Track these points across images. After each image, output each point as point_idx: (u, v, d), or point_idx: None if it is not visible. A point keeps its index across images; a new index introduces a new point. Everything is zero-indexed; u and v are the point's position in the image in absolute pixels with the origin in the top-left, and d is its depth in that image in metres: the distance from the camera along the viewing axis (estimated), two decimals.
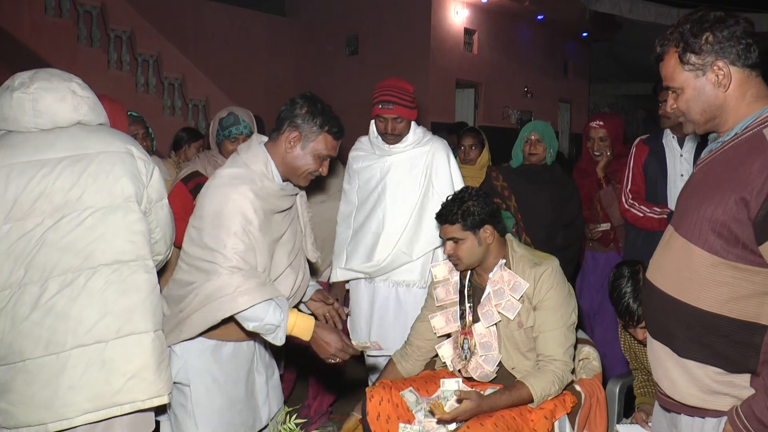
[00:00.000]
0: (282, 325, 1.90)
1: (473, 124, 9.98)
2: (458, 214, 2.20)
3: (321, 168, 2.06)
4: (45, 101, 1.71)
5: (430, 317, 2.36)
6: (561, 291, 2.21)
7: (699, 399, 1.48)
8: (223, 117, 2.79)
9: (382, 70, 8.62)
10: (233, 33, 9.65)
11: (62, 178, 1.68)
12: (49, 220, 1.66)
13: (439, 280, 2.39)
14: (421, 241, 2.76)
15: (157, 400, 1.72)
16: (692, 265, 1.45)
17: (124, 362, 1.68)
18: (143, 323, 1.71)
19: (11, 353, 1.64)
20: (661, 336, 1.54)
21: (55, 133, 1.73)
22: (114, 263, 1.70)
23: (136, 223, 1.75)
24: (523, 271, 2.22)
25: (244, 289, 1.86)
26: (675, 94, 1.53)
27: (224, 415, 2.03)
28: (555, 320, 2.18)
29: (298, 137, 2.00)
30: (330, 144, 2.03)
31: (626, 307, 2.11)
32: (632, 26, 10.59)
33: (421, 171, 2.79)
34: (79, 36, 7.39)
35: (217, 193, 1.94)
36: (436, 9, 9.39)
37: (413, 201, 2.77)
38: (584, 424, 2.28)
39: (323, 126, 2.00)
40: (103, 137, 1.78)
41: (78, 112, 1.75)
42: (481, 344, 2.24)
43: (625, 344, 2.42)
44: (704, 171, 1.52)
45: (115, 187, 1.73)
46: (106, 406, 1.66)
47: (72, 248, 1.67)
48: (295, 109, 2.01)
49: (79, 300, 1.66)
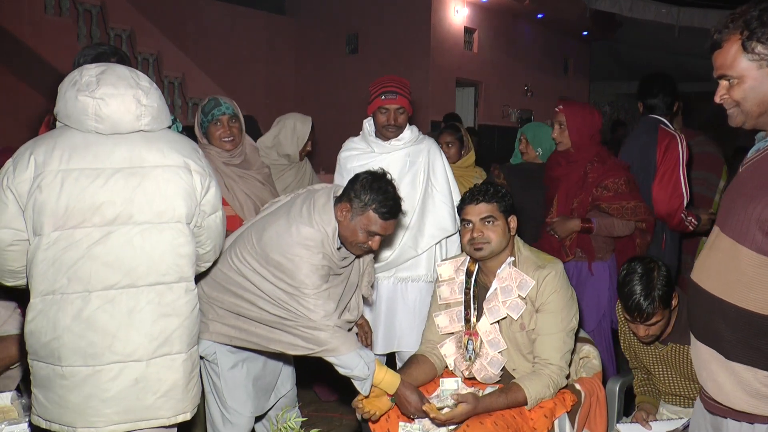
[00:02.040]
0: (369, 378, 2.06)
1: (473, 123, 9.99)
2: (497, 195, 2.21)
3: (370, 242, 2.12)
4: (109, 108, 1.67)
5: (434, 315, 2.36)
6: (563, 295, 2.20)
7: (747, 403, 1.44)
8: (204, 103, 2.76)
9: (382, 69, 8.60)
10: (233, 32, 9.64)
11: (115, 192, 1.67)
12: (97, 232, 1.66)
13: (444, 279, 2.37)
14: (426, 235, 2.79)
15: (181, 417, 1.79)
16: (740, 266, 1.43)
17: (156, 382, 1.73)
18: (179, 345, 1.76)
19: (52, 356, 1.68)
20: (708, 339, 1.51)
21: (114, 141, 1.70)
22: (157, 284, 1.72)
23: (184, 245, 1.76)
24: (527, 273, 2.21)
25: (339, 337, 2.05)
26: (729, 83, 1.48)
27: (248, 388, 2.32)
28: (555, 324, 2.17)
29: (348, 209, 2.09)
30: (378, 223, 2.08)
31: (636, 304, 2.10)
32: (632, 25, 10.57)
33: (420, 168, 2.82)
34: (79, 35, 7.38)
35: (296, 251, 2.07)
36: (436, 8, 9.37)
37: (415, 197, 2.79)
38: (584, 423, 2.27)
39: (372, 204, 2.07)
40: (162, 148, 1.75)
41: (140, 122, 1.72)
42: (489, 342, 2.22)
43: (625, 343, 2.41)
44: (751, 170, 1.49)
45: (167, 206, 1.72)
46: (134, 419, 1.72)
47: (117, 265, 1.68)
48: (356, 182, 2.12)
49: (120, 318, 1.68)
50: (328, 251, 2.09)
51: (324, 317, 2.05)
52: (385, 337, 2.82)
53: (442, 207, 2.82)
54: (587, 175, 2.95)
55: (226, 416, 2.32)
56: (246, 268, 2.12)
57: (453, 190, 2.89)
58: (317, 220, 2.10)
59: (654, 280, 2.10)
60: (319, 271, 2.07)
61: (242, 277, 2.13)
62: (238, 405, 2.31)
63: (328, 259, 2.09)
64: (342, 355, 2.05)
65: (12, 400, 2.12)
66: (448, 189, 2.86)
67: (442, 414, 2.00)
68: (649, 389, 2.42)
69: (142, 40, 7.74)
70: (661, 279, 2.11)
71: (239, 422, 2.32)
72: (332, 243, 2.10)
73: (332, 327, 2.05)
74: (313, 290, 2.05)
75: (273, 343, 2.13)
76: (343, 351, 2.05)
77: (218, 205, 1.89)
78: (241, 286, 2.14)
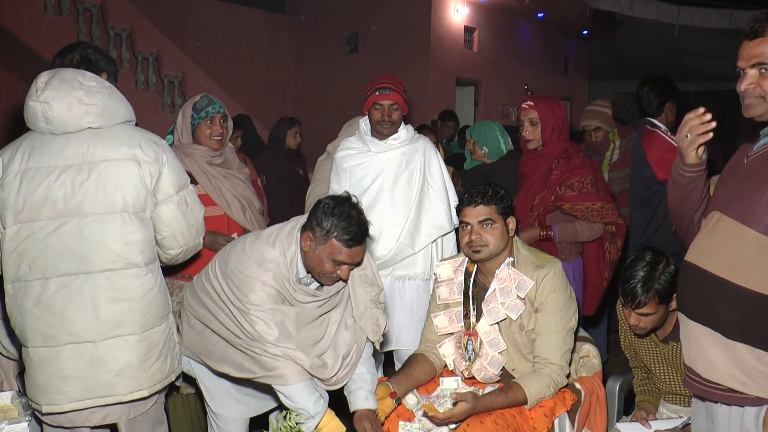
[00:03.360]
0: (316, 417, 1.98)
1: (473, 122, 9.98)
2: (495, 197, 2.20)
3: (339, 271, 2.00)
4: (53, 110, 1.83)
5: (433, 316, 2.35)
6: (563, 294, 2.20)
7: (738, 382, 1.47)
8: (197, 101, 2.75)
9: (382, 68, 8.60)
10: (233, 31, 9.63)
11: (65, 187, 1.83)
12: (51, 224, 1.83)
13: (443, 280, 2.37)
14: (422, 233, 2.80)
15: (137, 394, 1.92)
16: (743, 246, 1.48)
17: (111, 361, 1.88)
18: (131, 327, 1.90)
19: (22, 338, 1.89)
20: (703, 317, 1.55)
21: (66, 139, 1.87)
22: (106, 271, 1.87)
23: (132, 233, 1.89)
24: (525, 273, 2.21)
25: (289, 365, 1.98)
26: (761, 73, 1.50)
27: (232, 393, 2.26)
28: (555, 323, 2.18)
29: (312, 238, 2.00)
30: (343, 252, 1.97)
31: (632, 288, 2.11)
32: (633, 24, 10.55)
33: (417, 166, 2.83)
34: (79, 34, 7.36)
35: (249, 267, 2.01)
36: (436, 7, 9.37)
37: (412, 195, 2.80)
38: (584, 422, 2.28)
39: (333, 233, 1.96)
40: (110, 143, 1.89)
41: (84, 120, 1.86)
42: (489, 342, 2.22)
43: (625, 342, 2.41)
44: (759, 160, 1.55)
45: (114, 197, 1.87)
46: (92, 396, 1.88)
47: (70, 253, 1.84)
48: (317, 209, 2.01)
49: (74, 302, 1.84)
50: (282, 274, 2.02)
51: (274, 340, 1.96)
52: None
53: (439, 205, 2.83)
54: (551, 172, 2.83)
55: (215, 421, 2.33)
56: (213, 277, 2.10)
57: (449, 188, 2.90)
58: (279, 243, 2.04)
59: (657, 272, 2.11)
60: (266, 290, 1.99)
61: (210, 286, 2.10)
62: (221, 409, 2.29)
63: (279, 283, 2.01)
64: (290, 385, 1.96)
65: (12, 399, 2.12)
66: (444, 187, 2.87)
67: (440, 413, 1.99)
68: (649, 388, 2.42)
69: (142, 39, 7.74)
70: (664, 274, 2.11)
71: (228, 427, 2.32)
72: (289, 268, 2.03)
73: (282, 352, 1.97)
74: (256, 306, 1.98)
75: (224, 364, 2.07)
76: (290, 380, 1.96)
77: (170, 192, 1.97)
78: (208, 295, 2.11)
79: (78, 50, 2.25)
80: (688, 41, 10.01)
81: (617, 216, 2.81)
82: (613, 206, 2.81)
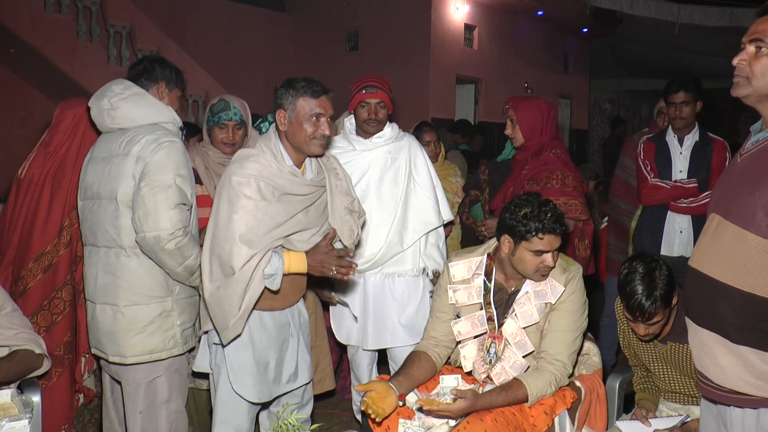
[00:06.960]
0: (278, 272, 2.12)
1: (473, 120, 9.97)
2: (563, 226, 2.17)
3: (319, 129, 2.16)
4: (93, 113, 2.34)
5: (453, 324, 2.29)
6: (580, 297, 2.22)
7: (752, 386, 1.46)
8: (214, 103, 2.77)
9: (382, 66, 8.60)
10: (233, 28, 9.63)
11: (96, 174, 2.30)
12: (89, 204, 2.33)
13: (458, 281, 2.30)
14: (410, 230, 2.81)
15: (118, 359, 2.26)
16: (746, 251, 1.45)
17: (101, 323, 2.28)
18: (114, 299, 2.25)
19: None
20: (710, 323, 1.53)
21: (108, 136, 2.34)
22: (103, 247, 2.29)
23: (119, 217, 2.23)
24: (554, 276, 2.21)
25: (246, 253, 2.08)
26: (757, 51, 1.49)
27: (255, 376, 2.22)
28: (567, 322, 2.18)
29: (284, 113, 2.18)
30: (311, 103, 2.16)
31: (639, 304, 2.10)
32: (633, 22, 10.55)
33: (402, 164, 2.84)
34: (79, 32, 7.37)
35: (227, 170, 2.18)
36: (436, 5, 9.36)
37: (398, 193, 2.81)
38: (584, 420, 2.28)
39: (297, 92, 2.16)
40: (125, 141, 2.26)
41: (109, 121, 2.31)
42: (516, 344, 2.19)
43: (624, 341, 2.42)
44: (752, 160, 1.52)
45: (113, 187, 2.24)
46: (94, 346, 2.36)
47: (90, 229, 2.33)
48: (276, 95, 2.22)
49: (90, 269, 2.34)
50: (263, 164, 2.14)
51: (239, 237, 2.05)
52: (376, 334, 2.80)
53: (425, 201, 2.83)
54: (524, 167, 2.88)
55: (224, 413, 2.24)
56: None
57: (436, 185, 2.90)
58: (258, 144, 2.23)
59: (656, 280, 2.10)
60: (252, 184, 2.10)
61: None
62: (241, 388, 2.21)
63: (263, 172, 2.13)
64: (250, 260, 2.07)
65: (12, 397, 2.13)
66: (430, 183, 2.87)
67: (435, 406, 1.97)
68: (648, 386, 2.43)
69: (142, 36, 7.73)
70: (662, 278, 2.11)
71: (237, 419, 2.24)
72: (276, 157, 2.17)
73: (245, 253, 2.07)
74: (248, 197, 2.08)
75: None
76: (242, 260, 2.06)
77: (149, 180, 2.17)
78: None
79: (145, 62, 2.45)
80: (689, 39, 10.01)
81: (580, 212, 2.80)
82: (578, 202, 2.79)
